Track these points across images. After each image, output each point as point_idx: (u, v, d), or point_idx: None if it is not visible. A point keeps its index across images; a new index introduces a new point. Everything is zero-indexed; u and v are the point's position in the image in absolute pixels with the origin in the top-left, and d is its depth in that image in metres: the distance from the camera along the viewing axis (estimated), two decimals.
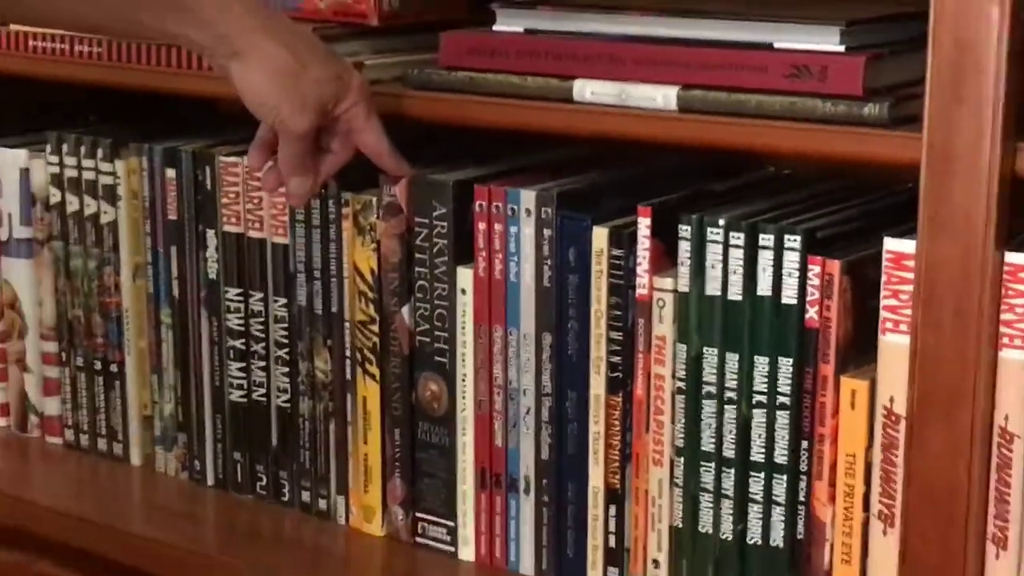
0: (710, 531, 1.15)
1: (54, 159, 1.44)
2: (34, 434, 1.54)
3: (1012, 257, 0.99)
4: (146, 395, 1.45)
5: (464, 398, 1.25)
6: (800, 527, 1.12)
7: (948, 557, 1.03)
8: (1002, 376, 1.01)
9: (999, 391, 1.01)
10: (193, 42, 1.16)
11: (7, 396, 1.55)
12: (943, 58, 0.97)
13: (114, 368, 1.46)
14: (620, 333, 1.17)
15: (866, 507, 1.09)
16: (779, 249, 1.09)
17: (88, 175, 1.43)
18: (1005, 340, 1.00)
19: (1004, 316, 1.00)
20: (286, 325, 1.34)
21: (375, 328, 1.28)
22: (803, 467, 1.11)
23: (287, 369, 1.35)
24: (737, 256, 1.10)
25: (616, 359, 1.17)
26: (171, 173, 1.38)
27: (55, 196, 1.45)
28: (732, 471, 1.13)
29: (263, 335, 1.36)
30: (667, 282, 1.14)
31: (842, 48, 1.07)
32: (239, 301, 1.36)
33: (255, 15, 1.15)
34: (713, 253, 1.11)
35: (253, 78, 1.14)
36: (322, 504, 1.35)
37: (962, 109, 0.97)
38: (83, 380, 1.48)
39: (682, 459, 1.16)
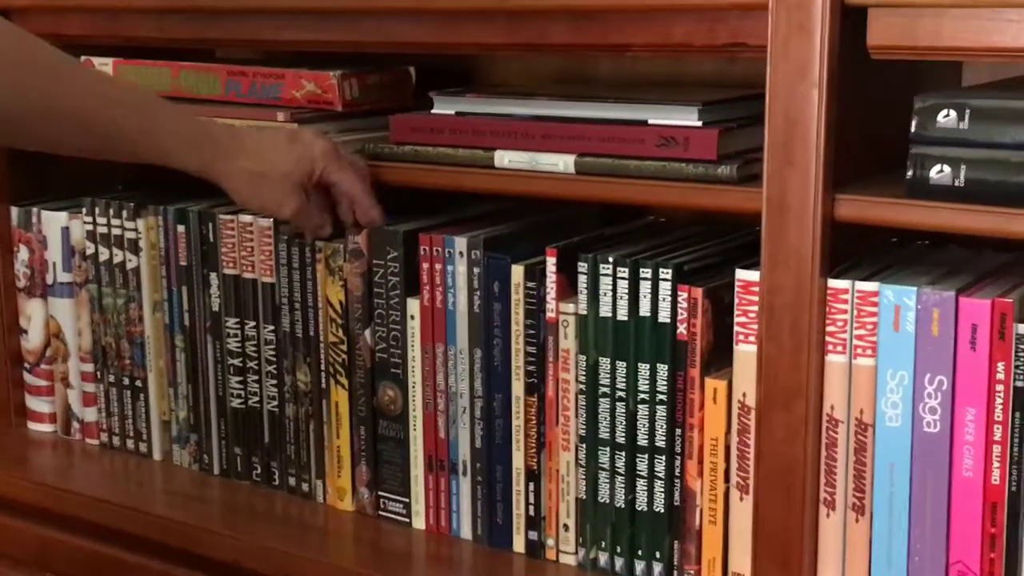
0: (607, 500, 1.16)
1: (89, 219, 1.44)
2: (76, 437, 1.52)
3: (834, 283, 1.01)
4: (164, 404, 1.44)
5: (414, 400, 1.25)
6: (676, 496, 1.12)
7: (790, 516, 1.04)
8: (828, 375, 1.02)
9: (826, 387, 1.02)
10: (183, 169, 1.16)
11: (54, 407, 1.53)
12: (776, 130, 0.99)
13: (139, 383, 1.45)
14: (534, 347, 1.17)
15: (727, 479, 1.09)
16: (655, 280, 1.10)
17: (116, 231, 1.42)
18: (830, 347, 1.01)
19: (829, 329, 1.01)
20: (274, 346, 1.34)
21: (344, 347, 1.28)
22: (677, 449, 1.11)
23: (275, 381, 1.34)
24: (623, 286, 1.11)
25: (532, 368, 1.18)
26: (181, 228, 1.37)
27: (90, 248, 1.45)
28: (623, 453, 1.14)
29: (256, 355, 1.35)
30: (570, 307, 1.15)
31: (700, 123, 1.08)
32: (236, 328, 1.36)
33: (222, 144, 1.16)
34: (605, 284, 1.12)
35: (237, 191, 1.18)
36: (304, 487, 1.35)
37: (792, 170, 0.99)
38: (114, 393, 1.47)
39: (584, 445, 1.16)
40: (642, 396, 1.12)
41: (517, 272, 1.17)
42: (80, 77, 1.10)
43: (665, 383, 1.11)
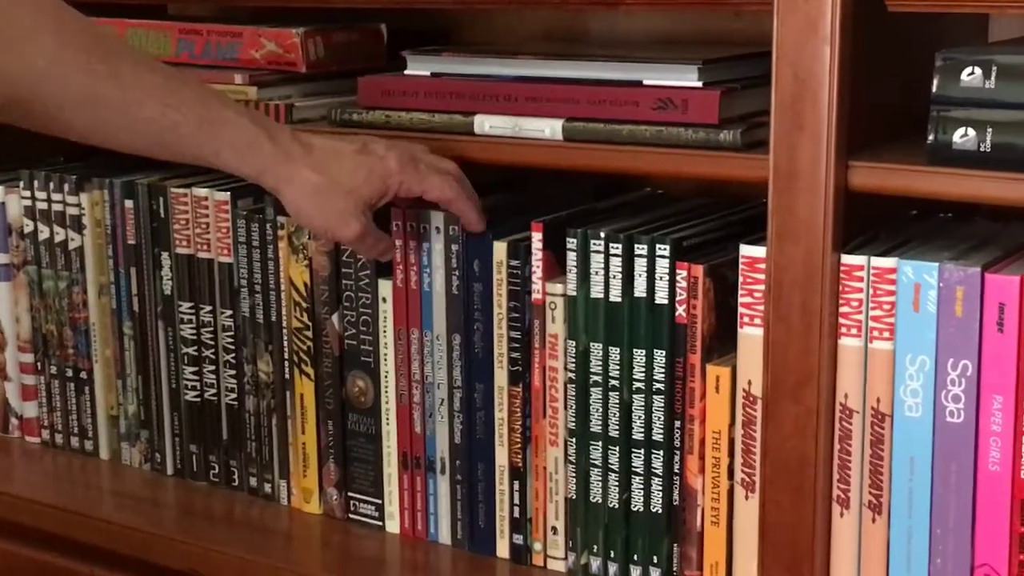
0: (600, 501, 1.16)
1: (27, 194, 1.43)
2: (15, 435, 1.52)
3: (847, 259, 1.00)
4: (112, 397, 1.44)
5: (387, 392, 1.25)
6: (676, 495, 1.12)
7: (800, 516, 1.04)
8: (841, 361, 1.02)
9: (839, 373, 1.02)
10: (239, 174, 1.11)
11: None
12: (784, 91, 0.99)
13: (83, 375, 1.44)
14: (519, 332, 1.17)
15: (730, 476, 1.09)
16: (652, 257, 1.09)
17: (57, 207, 1.41)
18: (843, 330, 1.01)
19: (842, 309, 1.01)
20: (232, 333, 1.33)
21: (309, 334, 1.28)
22: (676, 443, 1.11)
23: (234, 371, 1.34)
24: (616, 263, 1.11)
25: (516, 355, 1.17)
26: (129, 204, 1.37)
27: (29, 226, 1.44)
28: (617, 448, 1.14)
29: (213, 342, 1.35)
30: (557, 287, 1.14)
31: (700, 84, 1.08)
32: (191, 313, 1.35)
33: (283, 147, 1.10)
34: (596, 261, 1.12)
35: (295, 205, 1.11)
36: (267, 488, 1.35)
37: (802, 134, 0.99)
38: (57, 386, 1.47)
39: (574, 439, 1.16)
40: (637, 385, 1.12)
41: (499, 249, 1.16)
42: (145, 68, 1.07)
43: (663, 371, 1.10)
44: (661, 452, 1.12)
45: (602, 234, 1.11)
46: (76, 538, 1.36)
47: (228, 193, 1.31)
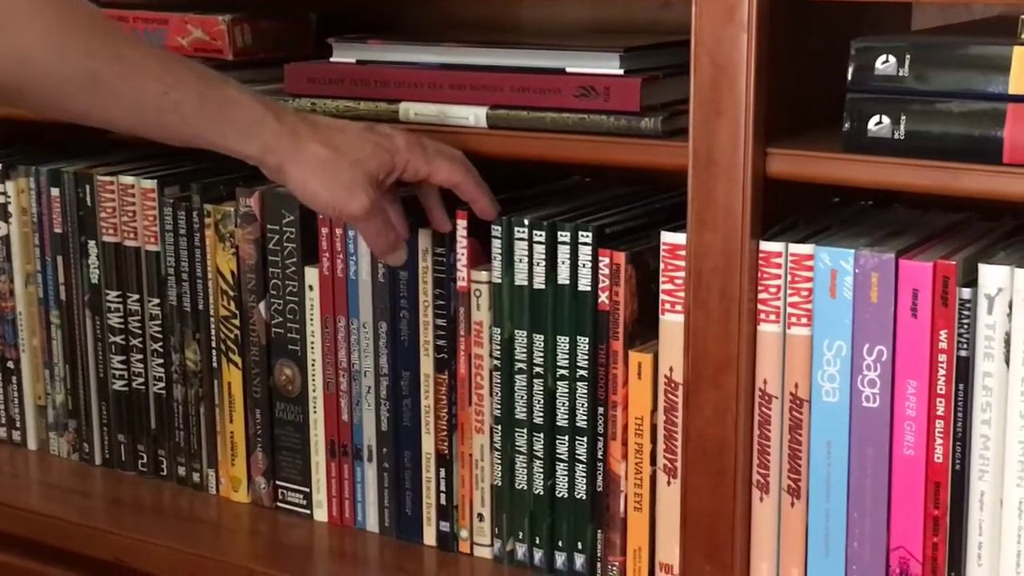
0: (525, 487, 1.16)
1: None
2: None
3: (766, 246, 1.01)
4: (40, 387, 1.43)
5: (314, 380, 1.25)
6: (599, 481, 1.13)
7: (721, 501, 1.05)
8: (761, 346, 1.03)
9: (759, 359, 1.03)
10: (243, 155, 1.08)
11: None
12: (703, 78, 1.00)
13: (11, 364, 1.44)
14: (444, 320, 1.17)
15: (653, 462, 1.10)
16: (575, 244, 1.10)
17: None
18: (762, 316, 1.02)
19: (761, 296, 1.02)
20: (160, 322, 1.33)
21: (236, 322, 1.28)
22: (600, 430, 1.12)
23: (162, 360, 1.34)
24: (540, 251, 1.11)
25: (442, 342, 1.18)
26: (56, 192, 1.36)
27: None
28: (541, 435, 1.15)
29: (140, 331, 1.34)
30: (482, 275, 1.15)
31: (622, 71, 1.09)
32: (118, 302, 1.35)
33: (288, 125, 1.07)
34: (520, 249, 1.12)
35: (301, 180, 1.08)
36: (195, 477, 1.34)
37: (720, 121, 0.99)
38: None
39: (499, 427, 1.16)
40: (561, 372, 1.12)
41: (424, 237, 1.17)
42: (145, 49, 1.05)
43: (586, 357, 1.11)
44: (585, 439, 1.13)
45: (526, 221, 1.12)
46: (3, 529, 1.35)
47: (155, 181, 1.30)
